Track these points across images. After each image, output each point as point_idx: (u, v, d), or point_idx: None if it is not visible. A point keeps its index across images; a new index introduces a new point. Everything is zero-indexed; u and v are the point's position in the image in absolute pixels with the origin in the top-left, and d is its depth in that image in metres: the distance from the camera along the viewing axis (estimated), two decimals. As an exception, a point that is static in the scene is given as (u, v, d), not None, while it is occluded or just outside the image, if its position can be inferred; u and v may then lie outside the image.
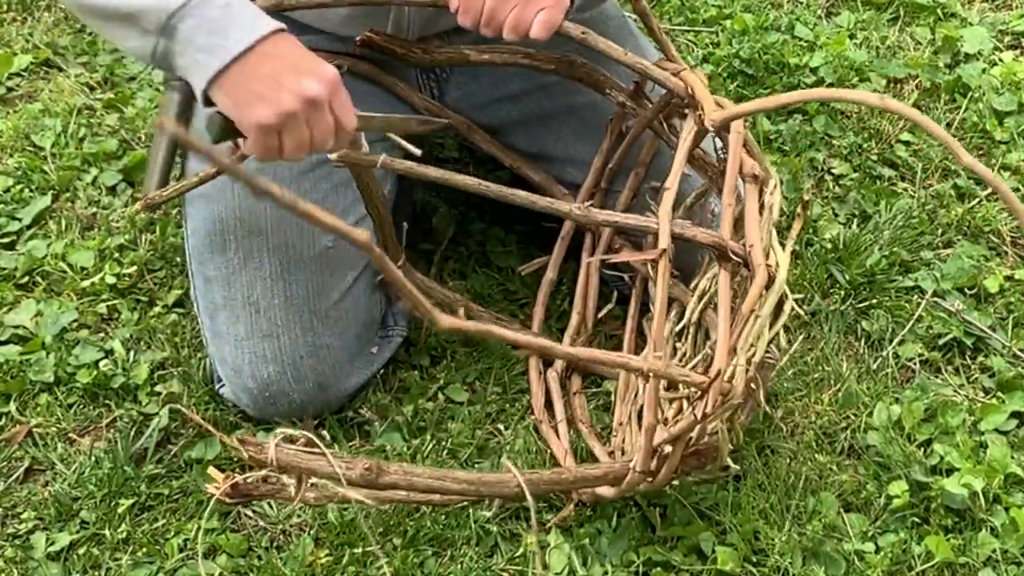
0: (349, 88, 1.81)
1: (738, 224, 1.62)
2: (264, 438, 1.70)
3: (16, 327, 1.92)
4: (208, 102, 1.51)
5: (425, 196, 2.08)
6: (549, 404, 1.81)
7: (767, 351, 1.57)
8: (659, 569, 1.60)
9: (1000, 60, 2.46)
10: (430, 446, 1.76)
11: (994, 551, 1.63)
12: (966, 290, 2.01)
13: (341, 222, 1.22)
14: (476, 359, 1.89)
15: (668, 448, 1.52)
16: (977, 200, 2.16)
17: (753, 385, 1.52)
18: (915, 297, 2.00)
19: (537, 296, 1.92)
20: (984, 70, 2.42)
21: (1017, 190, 2.16)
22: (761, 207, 1.61)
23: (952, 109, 2.34)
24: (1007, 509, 1.67)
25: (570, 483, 1.55)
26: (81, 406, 1.82)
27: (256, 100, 1.48)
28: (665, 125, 1.81)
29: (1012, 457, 1.73)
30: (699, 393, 1.46)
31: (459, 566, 1.60)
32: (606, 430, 1.79)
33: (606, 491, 1.58)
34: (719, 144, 1.71)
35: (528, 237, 2.03)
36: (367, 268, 1.81)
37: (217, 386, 1.82)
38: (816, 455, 1.75)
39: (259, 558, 1.63)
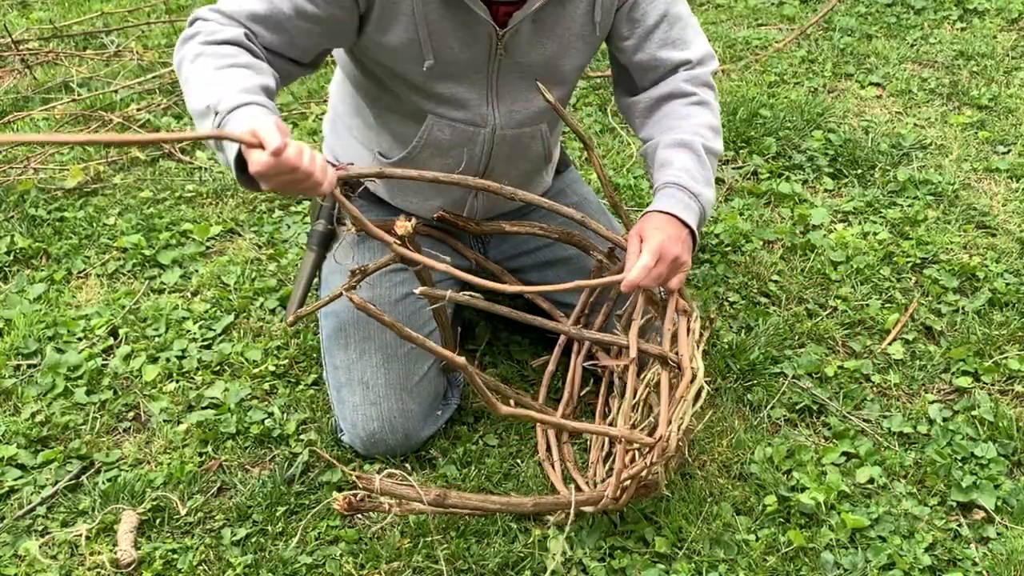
0: (427, 244, 1.83)
1: (674, 339, 1.67)
2: (369, 470, 1.76)
3: (212, 398, 1.94)
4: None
5: (470, 315, 2.08)
6: (548, 448, 1.80)
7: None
8: (619, 551, 1.62)
9: (835, 229, 2.46)
10: (474, 473, 1.77)
11: (830, 540, 1.65)
12: (813, 374, 2.01)
13: (449, 352, 1.35)
14: (503, 418, 1.87)
15: (627, 483, 1.55)
16: (819, 318, 2.16)
17: (680, 443, 1.58)
18: (781, 379, 1.99)
19: (542, 379, 1.92)
20: (824, 235, 2.41)
21: (845, 312, 2.17)
22: (688, 330, 1.68)
23: (804, 260, 2.33)
24: (839, 513, 1.69)
25: (566, 504, 1.56)
26: (253, 448, 1.83)
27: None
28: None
29: (842, 480, 1.74)
30: (648, 449, 1.54)
31: (492, 549, 1.61)
32: (584, 463, 1.78)
33: (588, 508, 1.60)
34: (661, 288, 1.72)
35: (536, 341, 2.05)
36: (436, 361, 1.81)
37: (339, 435, 1.82)
38: (719, 479, 1.76)
39: (365, 544, 1.63)
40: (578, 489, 1.70)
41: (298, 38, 1.59)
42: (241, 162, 1.40)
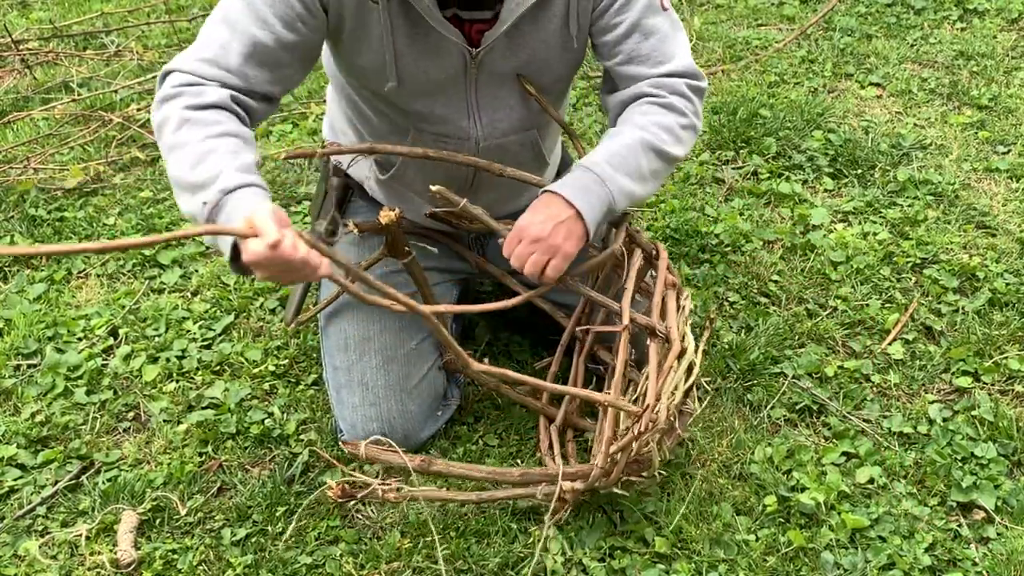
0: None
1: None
2: (369, 471, 1.74)
3: (212, 398, 1.94)
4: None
5: (471, 315, 2.07)
6: (550, 446, 1.77)
7: (685, 404, 1.63)
8: (619, 551, 1.62)
9: (835, 229, 2.46)
10: (474, 473, 1.79)
11: (830, 540, 1.65)
12: (813, 374, 2.00)
13: (411, 301, 1.31)
14: (503, 418, 1.89)
15: (618, 456, 1.54)
16: (819, 318, 2.16)
17: (672, 419, 1.56)
18: (781, 379, 1.99)
19: (545, 380, 1.88)
20: (824, 235, 2.41)
21: (845, 312, 2.18)
22: (679, 307, 1.68)
23: (804, 260, 2.33)
24: (839, 513, 1.69)
25: (554, 476, 1.55)
26: (253, 448, 1.84)
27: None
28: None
29: (842, 480, 1.74)
30: (636, 418, 1.52)
31: (492, 549, 1.62)
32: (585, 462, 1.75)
33: (579, 484, 1.56)
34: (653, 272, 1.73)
35: (536, 341, 2.04)
36: (436, 361, 1.82)
37: (339, 436, 1.81)
38: (719, 479, 1.76)
39: (364, 544, 1.64)
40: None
41: (283, 67, 1.56)
42: (235, 249, 1.36)
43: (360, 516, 1.70)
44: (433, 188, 1.38)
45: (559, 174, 2.03)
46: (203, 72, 1.49)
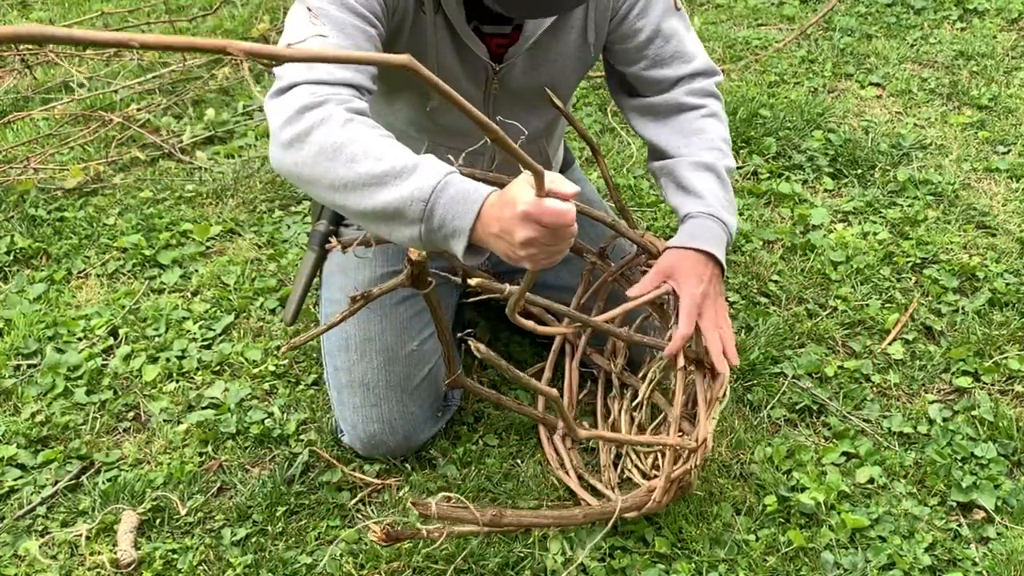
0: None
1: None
2: (369, 470, 1.76)
3: (212, 398, 1.94)
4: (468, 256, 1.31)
5: (471, 316, 2.07)
6: (558, 456, 1.77)
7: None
8: (619, 551, 1.61)
9: (835, 229, 2.46)
10: (474, 474, 1.76)
11: (830, 540, 1.64)
12: (813, 374, 2.00)
13: (544, 386, 1.33)
14: (503, 418, 1.89)
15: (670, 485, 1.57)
16: (819, 318, 2.16)
17: (714, 443, 1.60)
18: (781, 379, 1.99)
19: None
20: (824, 235, 2.41)
21: (845, 312, 2.20)
22: None
23: (804, 260, 2.33)
24: (839, 513, 1.68)
25: (612, 511, 1.55)
26: (253, 448, 1.83)
27: (504, 236, 1.25)
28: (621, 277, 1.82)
29: (842, 480, 1.74)
30: (687, 453, 1.55)
31: (492, 549, 1.61)
32: (592, 468, 1.77)
33: (632, 514, 1.57)
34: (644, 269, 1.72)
35: (537, 341, 2.03)
36: (437, 362, 1.81)
37: (339, 435, 1.82)
38: (719, 479, 1.75)
39: (365, 544, 1.63)
40: (596, 494, 1.70)
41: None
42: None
43: (360, 516, 1.70)
44: (472, 282, 1.33)
45: (561, 172, 2.04)
46: (334, 76, 1.39)
